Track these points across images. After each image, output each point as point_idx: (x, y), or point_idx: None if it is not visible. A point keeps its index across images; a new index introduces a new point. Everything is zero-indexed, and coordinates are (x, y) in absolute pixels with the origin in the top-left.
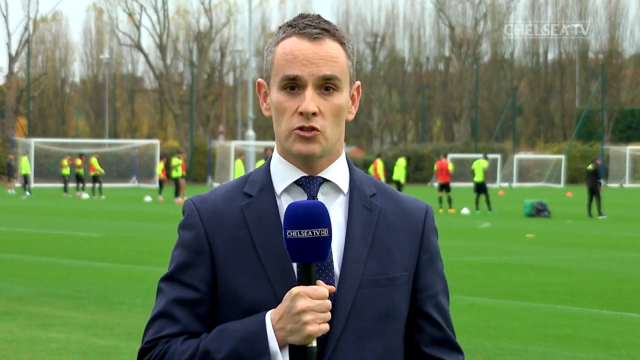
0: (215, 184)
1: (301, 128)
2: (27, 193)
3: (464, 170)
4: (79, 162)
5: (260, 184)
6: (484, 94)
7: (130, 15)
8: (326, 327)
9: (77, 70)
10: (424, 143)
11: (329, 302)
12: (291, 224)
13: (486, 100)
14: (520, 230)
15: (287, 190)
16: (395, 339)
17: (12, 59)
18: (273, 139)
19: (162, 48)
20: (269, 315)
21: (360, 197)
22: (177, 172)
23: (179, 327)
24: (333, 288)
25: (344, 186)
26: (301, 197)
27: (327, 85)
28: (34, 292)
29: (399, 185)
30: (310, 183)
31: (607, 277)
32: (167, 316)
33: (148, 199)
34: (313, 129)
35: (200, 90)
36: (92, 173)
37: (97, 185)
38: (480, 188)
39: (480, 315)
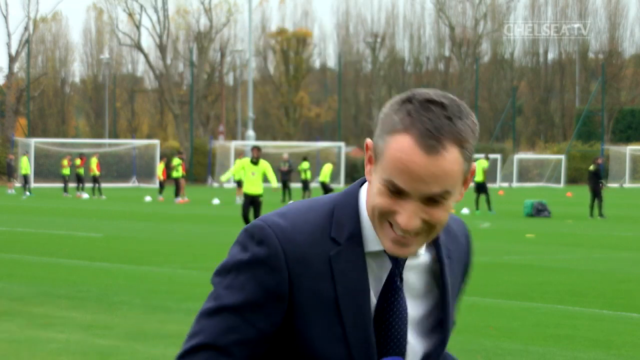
0: (215, 185)
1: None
2: (27, 193)
3: None
4: (78, 162)
5: (348, 231)
6: (484, 94)
7: (130, 15)
8: None
9: (77, 70)
10: None
11: None
12: None
13: (486, 100)
14: (520, 230)
15: (374, 253)
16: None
17: (12, 59)
18: (272, 138)
19: (162, 48)
20: None
21: (444, 248)
22: (178, 172)
23: None
24: None
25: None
26: (386, 264)
27: (433, 199)
28: (34, 292)
29: None
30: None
31: (607, 277)
32: (222, 352)
33: (148, 199)
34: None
35: (200, 90)
36: (91, 173)
37: (96, 185)
38: (481, 188)
39: (480, 315)
